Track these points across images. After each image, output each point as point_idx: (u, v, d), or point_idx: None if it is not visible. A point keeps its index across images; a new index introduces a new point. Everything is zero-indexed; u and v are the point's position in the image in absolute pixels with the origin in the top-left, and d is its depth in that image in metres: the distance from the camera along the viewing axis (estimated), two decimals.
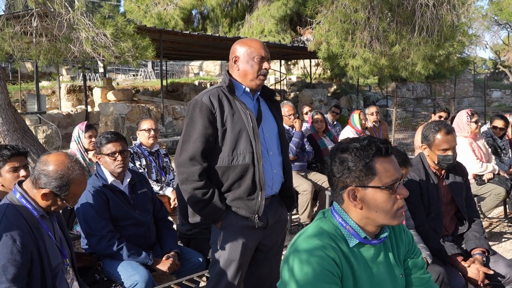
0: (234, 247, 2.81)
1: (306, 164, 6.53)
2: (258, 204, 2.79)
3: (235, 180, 2.77)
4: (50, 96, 19.61)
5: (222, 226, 2.82)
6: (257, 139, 2.76)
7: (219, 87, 2.85)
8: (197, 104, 2.76)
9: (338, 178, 1.85)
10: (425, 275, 2.04)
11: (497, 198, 5.67)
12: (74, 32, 7.88)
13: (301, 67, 28.72)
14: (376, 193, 1.81)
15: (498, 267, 3.32)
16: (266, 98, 3.04)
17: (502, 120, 6.40)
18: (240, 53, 2.84)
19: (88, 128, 4.94)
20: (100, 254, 3.44)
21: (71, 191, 2.53)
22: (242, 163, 2.74)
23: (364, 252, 1.88)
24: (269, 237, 2.95)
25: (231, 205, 2.80)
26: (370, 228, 1.88)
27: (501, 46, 39.34)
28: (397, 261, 1.97)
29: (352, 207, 1.86)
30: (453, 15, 11.05)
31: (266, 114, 2.96)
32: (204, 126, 2.71)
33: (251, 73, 2.82)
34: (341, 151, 1.86)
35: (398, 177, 1.83)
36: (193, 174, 2.71)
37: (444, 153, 3.44)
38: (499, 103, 27.55)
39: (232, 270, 2.83)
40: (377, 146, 1.81)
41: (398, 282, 1.95)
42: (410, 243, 2.05)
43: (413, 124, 18.10)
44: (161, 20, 20.09)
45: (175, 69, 34.20)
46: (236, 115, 2.77)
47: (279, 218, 2.99)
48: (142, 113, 14.07)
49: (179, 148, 2.80)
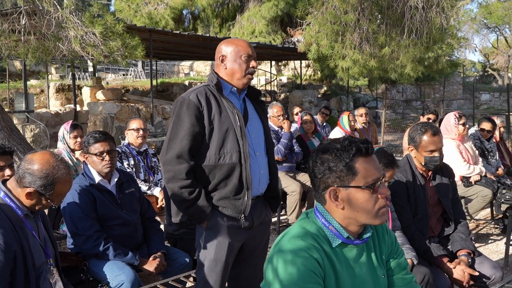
0: (220, 247, 2.79)
1: (295, 165, 6.54)
2: (245, 204, 2.77)
3: (221, 179, 2.75)
4: (39, 95, 19.46)
5: (208, 226, 2.80)
6: (244, 138, 2.75)
7: (206, 86, 2.83)
8: (184, 101, 2.74)
9: (320, 178, 1.86)
10: (408, 275, 2.05)
11: (484, 200, 5.71)
12: (63, 31, 7.84)
13: (291, 68, 28.76)
14: (357, 193, 1.81)
15: (483, 268, 3.34)
16: (252, 98, 3.03)
17: (490, 123, 6.45)
18: (227, 52, 2.83)
19: (73, 128, 4.89)
20: (86, 254, 3.42)
21: (56, 191, 2.52)
22: (229, 162, 2.73)
23: (347, 253, 1.89)
24: (253, 238, 2.94)
25: (217, 205, 2.78)
26: (352, 228, 1.88)
27: (490, 49, 39.70)
28: (379, 261, 1.98)
29: (334, 208, 1.86)
30: (442, 18, 11.09)
31: (252, 115, 2.95)
32: (192, 124, 2.69)
33: (239, 71, 2.81)
34: (322, 151, 1.87)
35: (379, 177, 1.84)
36: (180, 172, 2.68)
37: (430, 155, 3.45)
38: (488, 106, 27.76)
39: (219, 270, 2.81)
40: (357, 146, 1.82)
41: (380, 283, 1.95)
42: (393, 244, 2.05)
43: (402, 126, 18.18)
44: (152, 19, 20.03)
45: (165, 69, 34.08)
46: (224, 113, 2.75)
47: (264, 219, 2.98)
48: (132, 113, 14.01)
49: (165, 145, 2.77)
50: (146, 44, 10.99)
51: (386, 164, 3.17)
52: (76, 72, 20.96)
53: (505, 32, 34.99)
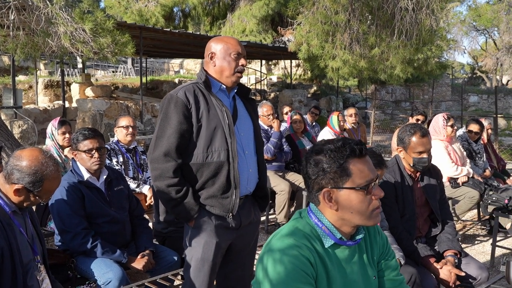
0: (207, 246, 2.77)
1: (284, 164, 6.55)
2: (232, 203, 2.76)
3: (209, 177, 2.73)
4: (27, 90, 19.31)
5: (195, 225, 2.78)
6: (233, 136, 2.73)
7: (195, 83, 2.81)
8: (172, 99, 2.71)
9: (314, 180, 1.86)
10: (398, 277, 2.05)
11: (471, 201, 5.76)
12: (52, 27, 7.78)
13: (281, 67, 28.77)
14: (351, 194, 1.81)
15: (469, 269, 3.37)
16: (242, 96, 3.01)
17: (478, 125, 6.50)
18: (216, 49, 2.81)
19: (62, 124, 4.86)
20: (73, 251, 3.41)
21: (45, 187, 2.50)
22: (217, 160, 2.71)
23: (339, 253, 1.89)
24: (241, 238, 2.92)
25: (205, 204, 2.76)
26: (345, 229, 1.88)
27: (479, 52, 39.99)
28: (370, 262, 1.98)
29: (327, 208, 1.86)
30: (432, 20, 11.17)
31: (242, 113, 2.93)
32: (179, 122, 2.67)
33: (228, 69, 2.80)
34: (315, 153, 1.86)
35: (373, 178, 1.83)
36: (167, 170, 2.66)
37: (419, 156, 3.48)
38: (476, 108, 27.95)
39: (206, 269, 2.80)
40: (351, 147, 1.82)
41: (371, 284, 1.96)
42: (385, 245, 2.06)
43: (391, 126, 18.26)
44: (142, 16, 19.96)
45: (155, 66, 33.95)
46: (212, 111, 2.73)
47: (252, 219, 2.97)
48: (121, 110, 13.96)
49: (152, 143, 2.75)
50: (136, 41, 10.93)
51: (375, 165, 3.15)
52: (65, 68, 20.82)
53: (494, 34, 35.28)
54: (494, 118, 11.73)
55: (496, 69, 34.37)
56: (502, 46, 30.76)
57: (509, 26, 27.04)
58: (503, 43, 30.18)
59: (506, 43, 29.17)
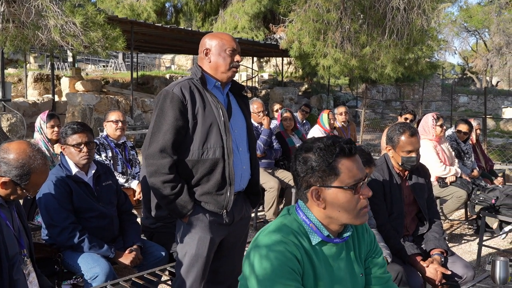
0: (201, 242, 2.78)
1: (274, 161, 6.56)
2: (227, 200, 2.76)
3: (204, 174, 2.73)
4: (16, 84, 19.18)
5: (189, 222, 2.78)
6: (228, 133, 2.74)
7: (190, 79, 2.81)
8: (168, 95, 2.70)
9: (302, 177, 1.86)
10: (385, 274, 2.06)
11: (458, 201, 5.80)
12: (43, 19, 7.73)
13: (273, 65, 28.79)
14: (339, 193, 1.81)
15: (455, 267, 3.40)
16: (235, 93, 3.01)
17: (466, 125, 6.54)
18: (211, 45, 2.81)
19: (50, 118, 4.82)
20: (60, 246, 3.39)
21: (32, 181, 2.49)
22: (212, 157, 2.71)
23: (326, 250, 1.89)
24: (233, 233, 2.94)
25: (200, 200, 2.76)
26: (333, 227, 1.89)
27: (470, 53, 40.21)
28: (358, 260, 1.99)
29: (315, 206, 1.86)
30: (423, 20, 11.20)
31: (235, 110, 2.93)
32: (175, 118, 2.67)
33: (223, 65, 2.79)
34: (305, 150, 1.86)
35: (362, 177, 1.83)
36: (163, 166, 2.65)
37: (408, 155, 3.49)
38: (466, 108, 28.12)
39: (200, 265, 2.80)
40: (341, 146, 1.82)
41: (358, 281, 1.97)
42: (372, 243, 2.07)
43: (381, 125, 18.32)
44: (134, 11, 19.87)
45: (146, 61, 33.82)
46: (208, 108, 2.73)
47: (244, 215, 2.98)
48: (111, 105, 13.90)
49: (147, 139, 2.74)
50: (127, 36, 10.88)
51: (364, 163, 3.16)
52: (55, 62, 20.68)
53: (484, 36, 35.47)
54: (483, 118, 11.80)
55: (486, 70, 34.59)
56: (492, 48, 30.95)
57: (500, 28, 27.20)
58: (493, 45, 30.35)
59: (496, 45, 29.34)
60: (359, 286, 1.98)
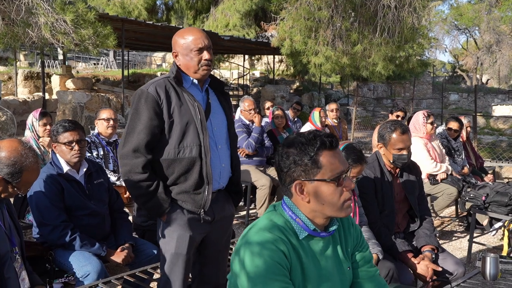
0: (181, 240, 2.75)
1: (265, 159, 6.57)
2: (205, 199, 2.74)
3: (181, 173, 2.71)
4: (6, 82, 19.04)
5: (168, 220, 2.76)
6: (205, 132, 2.71)
7: (167, 78, 2.77)
8: (143, 94, 2.68)
9: (286, 172, 1.88)
10: (372, 268, 2.09)
11: (449, 198, 5.83)
12: (33, 17, 7.69)
13: (264, 62, 28.75)
14: (322, 186, 1.84)
15: (446, 264, 3.43)
16: (216, 89, 2.97)
17: (457, 122, 6.57)
18: (178, 47, 2.77)
19: (43, 116, 4.81)
20: (52, 244, 3.38)
21: (24, 179, 2.48)
22: (189, 156, 2.68)
23: (313, 245, 1.91)
24: (215, 231, 2.91)
25: (177, 199, 2.74)
26: (319, 221, 1.91)
27: (460, 51, 40.44)
28: (345, 254, 2.01)
29: (300, 201, 1.89)
30: (414, 18, 11.25)
31: (215, 107, 2.89)
32: (150, 118, 2.64)
33: (192, 66, 2.74)
34: (287, 146, 1.89)
35: (344, 170, 1.86)
36: (136, 166, 2.63)
37: (399, 153, 3.51)
38: (456, 106, 28.25)
39: (181, 263, 2.77)
40: (322, 139, 1.84)
41: (346, 275, 1.99)
42: (358, 237, 2.09)
43: (373, 123, 18.36)
44: (124, 9, 19.74)
45: (137, 59, 33.70)
46: (184, 107, 2.70)
47: (225, 213, 2.95)
48: (102, 103, 13.83)
49: (123, 139, 2.72)
50: (118, 33, 10.85)
51: (355, 160, 3.20)
52: (46, 59, 20.57)
53: (475, 34, 35.67)
54: (473, 116, 11.86)
55: (476, 68, 34.78)
56: (482, 46, 31.14)
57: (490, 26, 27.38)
58: (483, 43, 30.54)
59: (486, 43, 29.53)
60: (346, 280, 2.00)
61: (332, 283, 1.93)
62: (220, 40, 15.91)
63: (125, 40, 14.76)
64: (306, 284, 1.86)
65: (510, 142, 13.93)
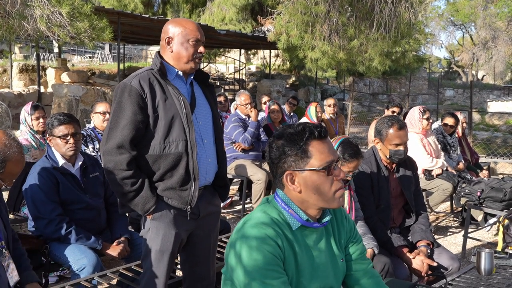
0: (166, 238, 2.68)
1: (261, 153, 6.56)
2: (191, 195, 2.66)
3: (167, 169, 2.62)
4: (1, 74, 18.94)
5: (153, 217, 2.68)
6: (191, 126, 2.62)
7: (150, 70, 2.68)
8: (126, 88, 2.58)
9: (276, 164, 1.90)
10: (365, 260, 2.11)
11: (444, 193, 5.85)
12: (28, 9, 7.64)
13: (261, 57, 28.69)
14: (312, 176, 1.85)
15: (441, 259, 3.44)
16: (200, 82, 2.88)
17: (453, 118, 6.58)
18: (174, 33, 2.67)
19: (35, 109, 4.75)
20: (47, 237, 3.37)
21: (7, 170, 2.43)
22: (175, 152, 2.60)
23: (306, 237, 1.92)
24: (201, 228, 2.84)
25: (162, 195, 2.66)
26: (311, 212, 1.92)
27: (456, 47, 40.48)
28: (338, 246, 2.03)
29: (292, 191, 1.89)
30: (411, 13, 11.26)
31: (200, 99, 2.81)
32: (134, 112, 2.55)
33: (185, 56, 2.66)
34: (277, 137, 1.91)
35: (334, 159, 1.87)
36: (120, 163, 2.55)
37: (395, 148, 3.52)
38: (452, 102, 28.29)
39: (166, 260, 2.70)
40: (310, 129, 1.86)
41: (339, 267, 2.01)
42: (352, 230, 2.11)
43: (368, 118, 18.37)
44: (120, 2, 19.65)
45: (133, 53, 33.57)
46: (169, 100, 2.61)
47: (212, 209, 2.88)
48: (98, 96, 13.77)
49: (105, 135, 2.61)
50: (114, 27, 10.79)
51: (351, 155, 3.20)
52: (41, 52, 20.47)
53: (471, 30, 35.72)
54: (469, 112, 11.88)
55: (472, 64, 34.86)
56: (478, 42, 31.19)
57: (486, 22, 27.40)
58: (479, 39, 30.59)
59: (482, 39, 29.57)
60: (339, 271, 2.01)
61: (326, 275, 1.94)
62: (216, 34, 15.87)
63: (121, 34, 14.70)
64: (299, 276, 1.87)
65: (505, 138, 13.96)
